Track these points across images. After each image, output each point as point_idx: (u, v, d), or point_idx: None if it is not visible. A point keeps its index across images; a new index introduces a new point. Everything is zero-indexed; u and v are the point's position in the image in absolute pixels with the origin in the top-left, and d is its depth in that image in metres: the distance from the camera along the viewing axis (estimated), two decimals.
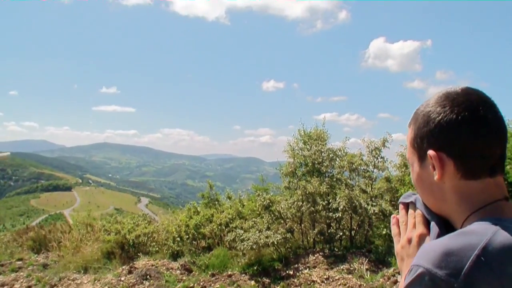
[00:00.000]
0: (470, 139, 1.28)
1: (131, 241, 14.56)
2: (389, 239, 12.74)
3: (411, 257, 1.34)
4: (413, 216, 1.45)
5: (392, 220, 1.52)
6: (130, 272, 11.41)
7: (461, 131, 1.28)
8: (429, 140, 1.33)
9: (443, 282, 1.09)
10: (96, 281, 11.17)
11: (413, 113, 1.42)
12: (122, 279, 11.05)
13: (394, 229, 1.50)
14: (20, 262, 13.63)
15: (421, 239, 1.37)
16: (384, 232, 12.86)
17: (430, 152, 1.31)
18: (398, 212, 1.55)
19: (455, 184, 1.32)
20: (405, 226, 1.45)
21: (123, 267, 12.01)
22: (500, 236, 1.16)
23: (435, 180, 1.33)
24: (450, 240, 1.16)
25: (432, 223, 1.38)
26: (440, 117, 1.31)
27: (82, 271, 12.61)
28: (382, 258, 11.37)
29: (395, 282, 9.57)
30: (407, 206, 1.50)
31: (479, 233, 1.17)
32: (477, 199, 1.31)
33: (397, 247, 1.45)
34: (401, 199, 1.53)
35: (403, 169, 15.39)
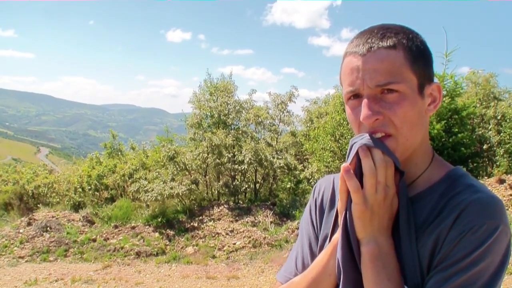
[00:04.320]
0: None
1: (30, 191, 14.14)
2: (293, 192, 13.05)
3: (386, 213, 1.14)
4: (384, 166, 1.12)
5: (346, 171, 1.13)
6: (29, 224, 11.05)
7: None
8: (429, 69, 1.22)
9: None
10: None
11: (392, 34, 1.17)
12: (21, 231, 10.69)
13: (352, 183, 1.12)
14: None
15: (394, 201, 1.16)
16: (288, 186, 13.14)
17: (437, 84, 1.22)
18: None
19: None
20: (373, 175, 1.12)
21: (22, 218, 11.62)
22: None
23: (426, 113, 1.22)
24: (492, 193, 1.13)
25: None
26: (426, 45, 1.23)
27: None
28: (286, 211, 11.61)
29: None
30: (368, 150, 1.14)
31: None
32: None
33: (363, 203, 1.12)
34: (364, 141, 1.13)
35: (308, 124, 15.77)
